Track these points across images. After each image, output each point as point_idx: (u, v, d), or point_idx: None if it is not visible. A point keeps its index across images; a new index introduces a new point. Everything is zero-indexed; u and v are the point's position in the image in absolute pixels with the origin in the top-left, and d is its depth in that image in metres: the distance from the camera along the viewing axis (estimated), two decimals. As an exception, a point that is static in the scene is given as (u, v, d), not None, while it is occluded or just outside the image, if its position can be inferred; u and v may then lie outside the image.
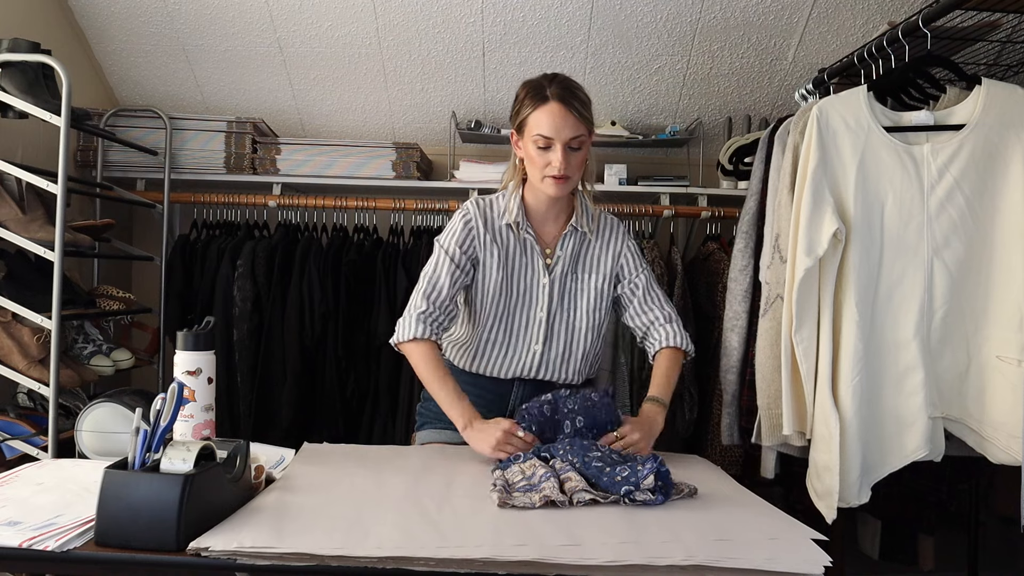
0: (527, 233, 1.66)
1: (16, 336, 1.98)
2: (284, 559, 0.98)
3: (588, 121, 1.57)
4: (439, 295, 1.61)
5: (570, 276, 1.68)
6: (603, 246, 1.71)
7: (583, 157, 1.59)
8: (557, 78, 1.58)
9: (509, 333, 1.67)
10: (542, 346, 1.67)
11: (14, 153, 2.23)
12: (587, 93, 1.60)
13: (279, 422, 2.50)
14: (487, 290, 1.65)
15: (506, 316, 1.67)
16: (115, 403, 1.50)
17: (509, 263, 1.66)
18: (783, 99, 2.83)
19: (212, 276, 2.57)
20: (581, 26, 2.61)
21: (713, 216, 2.68)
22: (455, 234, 1.64)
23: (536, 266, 1.67)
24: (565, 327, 1.68)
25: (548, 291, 1.66)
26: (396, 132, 2.97)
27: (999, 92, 1.64)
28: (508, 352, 1.68)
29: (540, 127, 1.54)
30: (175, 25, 2.63)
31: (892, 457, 1.64)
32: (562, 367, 1.69)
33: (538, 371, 1.68)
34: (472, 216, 1.66)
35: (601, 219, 1.73)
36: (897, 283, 1.65)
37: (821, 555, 1.02)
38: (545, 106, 1.54)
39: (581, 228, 1.67)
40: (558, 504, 1.19)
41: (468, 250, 1.64)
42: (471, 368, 1.70)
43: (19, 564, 1.06)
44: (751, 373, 1.89)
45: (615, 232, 1.73)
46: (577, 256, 1.69)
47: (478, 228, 1.65)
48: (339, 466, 1.42)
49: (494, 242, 1.65)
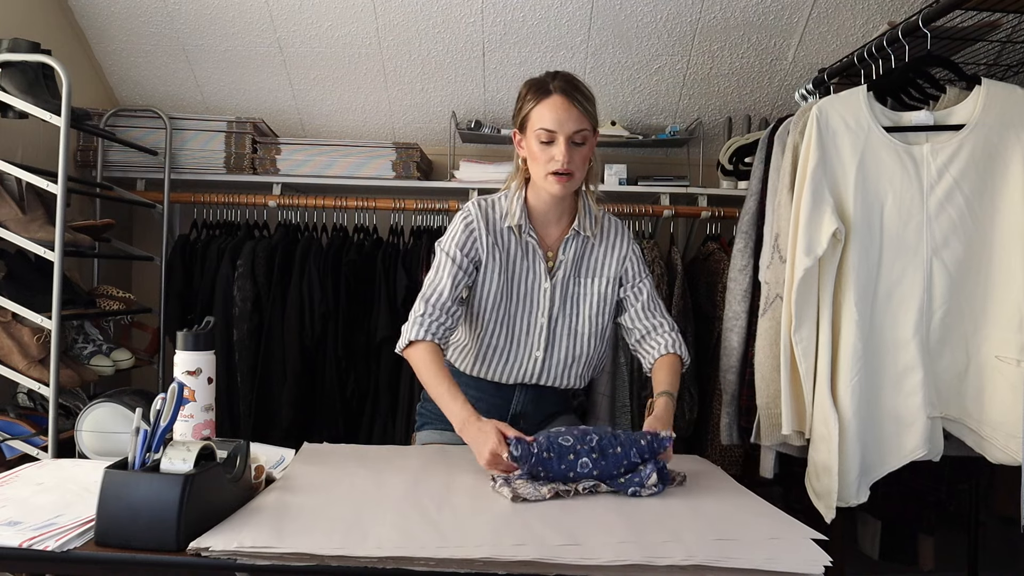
0: (529, 236, 1.63)
1: (16, 336, 1.98)
2: (284, 559, 0.98)
3: (592, 117, 1.55)
4: (439, 297, 1.59)
5: (572, 280, 1.66)
6: (607, 250, 1.68)
7: (586, 154, 1.56)
8: (560, 74, 1.57)
9: (510, 339, 1.65)
10: (543, 352, 1.65)
11: (14, 153, 2.23)
12: (591, 91, 1.58)
13: (279, 422, 2.50)
14: (488, 294, 1.63)
15: (507, 321, 1.65)
16: (115, 403, 1.50)
17: (510, 267, 1.64)
18: (783, 99, 2.83)
19: (212, 276, 2.57)
20: (581, 26, 2.61)
21: (713, 216, 2.68)
22: (456, 236, 1.63)
23: (538, 270, 1.64)
24: (568, 332, 1.66)
25: (549, 295, 1.64)
26: (396, 132, 2.97)
27: (999, 92, 1.64)
28: (509, 358, 1.66)
29: (543, 120, 1.52)
30: (175, 25, 2.63)
31: (891, 457, 1.64)
32: (564, 373, 1.67)
33: (540, 377, 1.67)
34: (473, 218, 1.63)
35: (605, 221, 1.70)
36: (896, 283, 1.65)
37: (821, 555, 1.02)
38: (548, 99, 1.53)
39: (584, 232, 1.65)
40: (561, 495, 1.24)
41: (470, 252, 1.62)
42: (473, 372, 1.69)
43: (19, 564, 1.06)
44: (750, 373, 1.89)
45: (620, 235, 1.70)
46: (580, 260, 1.66)
47: (480, 230, 1.62)
48: (339, 466, 1.42)
49: (496, 245, 1.63)
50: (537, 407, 1.70)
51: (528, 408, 1.69)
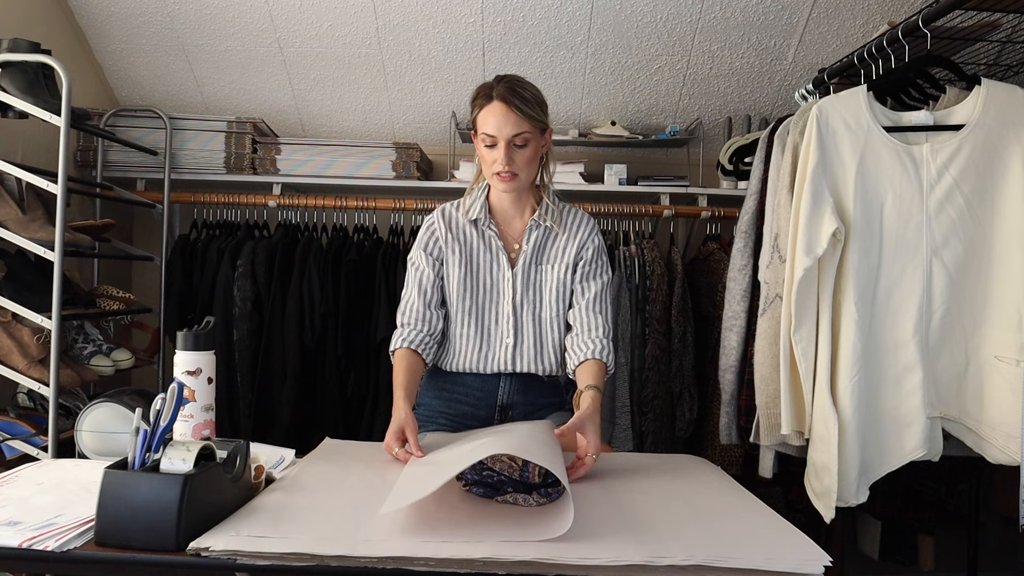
0: (489, 229, 1.70)
1: (16, 336, 1.98)
2: (284, 559, 0.98)
3: (533, 118, 1.59)
4: (411, 307, 1.69)
5: (533, 267, 1.71)
6: (569, 237, 1.72)
7: (529, 155, 1.61)
8: (505, 78, 1.62)
9: (480, 328, 1.70)
10: (513, 339, 1.70)
11: (14, 153, 2.23)
12: (537, 93, 1.62)
13: (279, 422, 2.50)
14: (452, 287, 1.70)
15: (475, 311, 1.70)
16: (115, 403, 1.50)
17: (472, 259, 1.71)
18: (783, 99, 2.83)
19: (212, 276, 2.57)
20: (581, 26, 2.61)
21: (713, 216, 2.68)
22: (420, 241, 1.74)
23: (500, 261, 1.70)
24: (532, 319, 1.70)
25: (512, 284, 1.70)
26: (396, 132, 2.97)
27: (999, 92, 1.64)
28: (482, 347, 1.70)
29: (486, 126, 1.60)
30: (175, 25, 2.63)
31: (891, 457, 1.64)
32: (536, 359, 1.71)
33: (514, 364, 1.70)
34: (435, 220, 1.74)
35: (570, 214, 1.75)
36: (896, 283, 1.65)
37: (821, 555, 1.02)
38: (489, 105, 1.60)
39: (544, 223, 1.70)
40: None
41: (433, 251, 1.71)
42: (454, 367, 1.72)
43: (19, 564, 1.06)
44: (750, 373, 1.89)
45: (583, 225, 1.74)
46: (541, 248, 1.72)
47: (440, 229, 1.72)
48: (339, 466, 1.42)
49: (456, 240, 1.71)
50: (525, 397, 1.73)
51: (516, 398, 1.73)
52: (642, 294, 2.57)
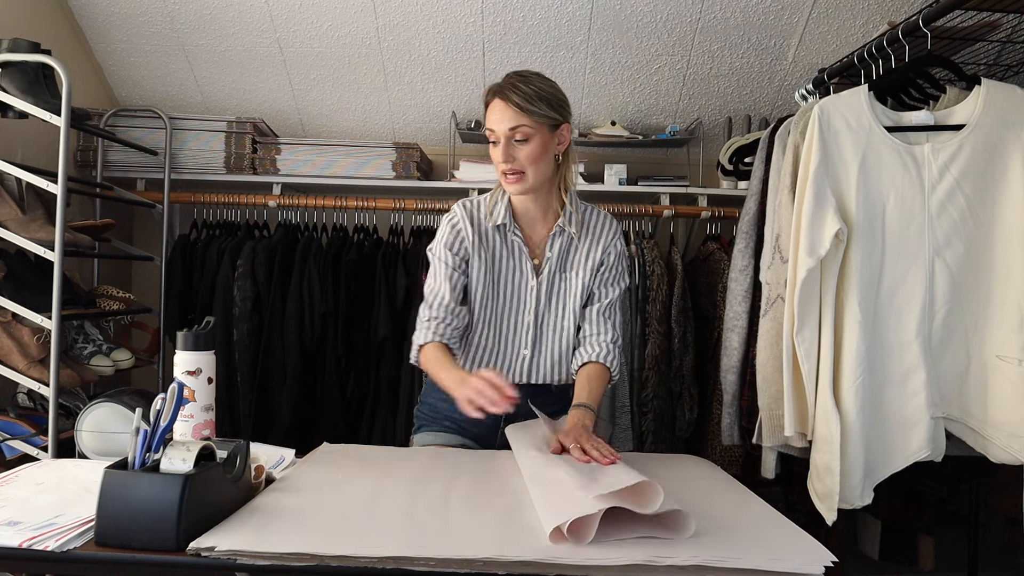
0: (514, 235, 1.64)
1: (16, 336, 1.98)
2: (284, 559, 0.98)
3: (534, 113, 1.51)
4: (441, 300, 1.60)
5: (558, 276, 1.66)
6: (593, 241, 1.67)
7: (532, 151, 1.53)
8: (511, 74, 1.57)
9: (498, 338, 1.66)
10: (531, 350, 1.66)
11: (14, 153, 2.23)
12: (544, 88, 1.54)
13: (279, 422, 2.50)
14: (475, 294, 1.64)
15: (494, 320, 1.66)
16: (115, 403, 1.50)
17: (496, 266, 1.65)
18: (783, 99, 2.83)
19: (212, 276, 2.57)
20: (581, 26, 2.61)
21: (713, 216, 2.68)
22: (444, 238, 1.64)
23: (524, 269, 1.65)
24: (554, 329, 1.66)
25: (536, 293, 1.64)
26: (396, 132, 2.97)
27: (999, 92, 1.64)
28: (498, 358, 1.67)
29: (488, 123, 1.56)
30: (175, 25, 2.63)
31: (895, 458, 1.64)
32: (553, 370, 1.68)
33: (529, 375, 1.67)
34: (459, 218, 1.65)
35: (592, 216, 1.69)
36: (899, 283, 1.64)
37: (825, 553, 1.02)
38: (491, 103, 1.56)
39: (567, 229, 1.64)
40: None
41: (459, 251, 1.63)
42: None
43: (19, 564, 1.05)
44: (752, 373, 1.89)
45: (607, 228, 1.68)
46: (565, 255, 1.66)
47: (465, 229, 1.64)
48: (339, 466, 1.42)
49: (481, 244, 1.64)
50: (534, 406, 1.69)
51: (523, 408, 1.68)
52: (642, 294, 2.57)
